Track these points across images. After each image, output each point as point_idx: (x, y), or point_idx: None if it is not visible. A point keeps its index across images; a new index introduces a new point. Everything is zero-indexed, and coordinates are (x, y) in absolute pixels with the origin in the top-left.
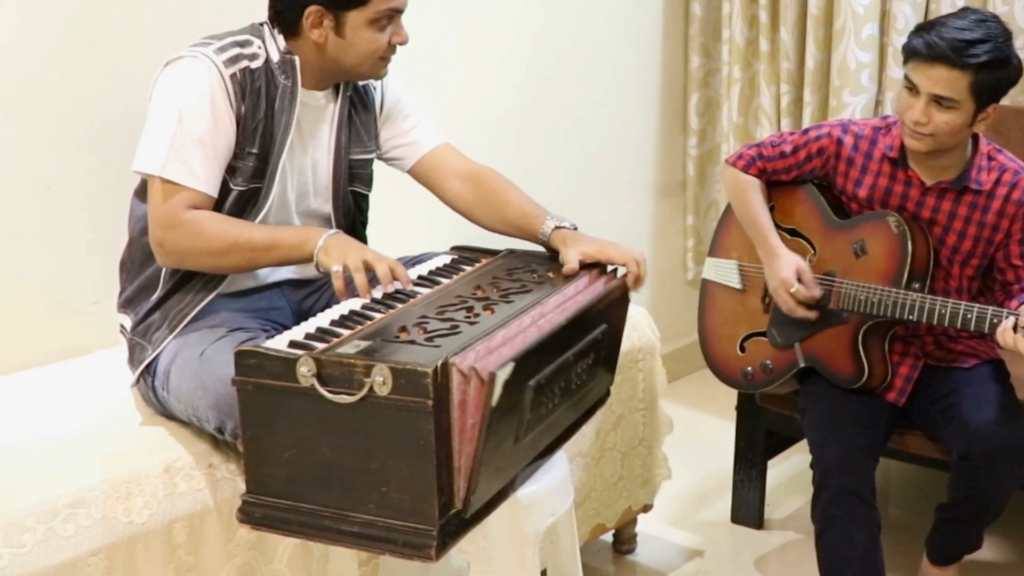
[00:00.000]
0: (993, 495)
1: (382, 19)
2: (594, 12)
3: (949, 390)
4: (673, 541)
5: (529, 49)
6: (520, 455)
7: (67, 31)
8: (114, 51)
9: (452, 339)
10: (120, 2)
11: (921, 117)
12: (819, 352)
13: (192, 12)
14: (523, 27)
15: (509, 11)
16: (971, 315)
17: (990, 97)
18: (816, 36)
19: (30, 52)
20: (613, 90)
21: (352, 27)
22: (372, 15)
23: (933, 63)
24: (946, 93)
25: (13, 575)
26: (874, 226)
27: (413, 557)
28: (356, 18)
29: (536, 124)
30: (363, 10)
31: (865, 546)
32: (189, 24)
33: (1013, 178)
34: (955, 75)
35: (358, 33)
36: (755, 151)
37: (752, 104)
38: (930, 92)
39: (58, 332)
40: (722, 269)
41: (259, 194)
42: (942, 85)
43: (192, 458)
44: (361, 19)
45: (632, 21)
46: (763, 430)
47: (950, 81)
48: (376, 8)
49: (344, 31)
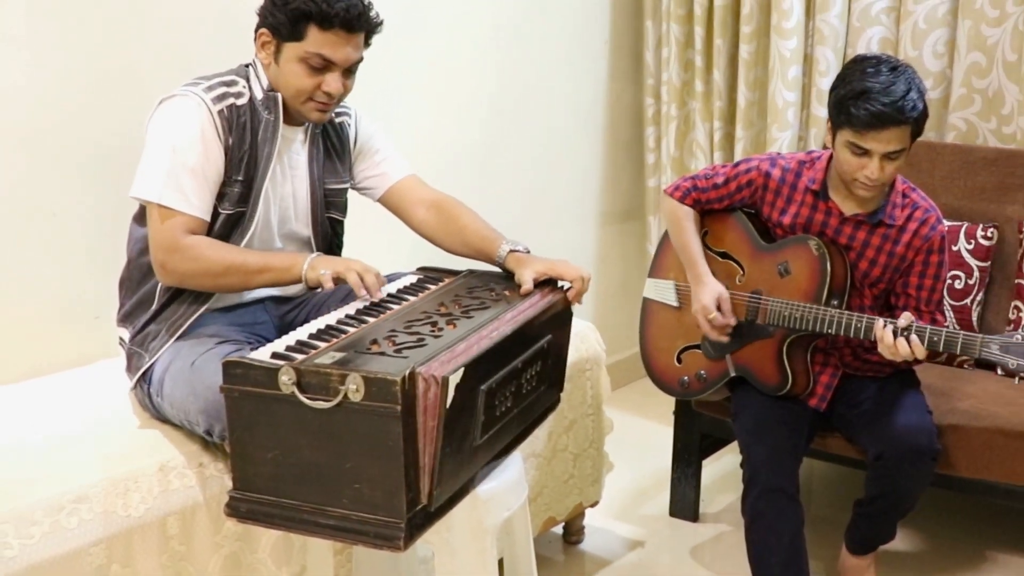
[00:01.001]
0: (906, 492)
1: (311, 60)
2: (548, 56)
3: (866, 397)
4: (617, 533)
5: (489, 89)
6: (479, 455)
7: (72, 74)
8: (113, 92)
9: (418, 351)
10: (119, 48)
11: (874, 174)
12: (748, 363)
13: (184, 57)
14: (484, 68)
15: (471, 54)
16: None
17: (916, 138)
18: (747, 78)
19: (40, 92)
20: (564, 127)
21: (286, 58)
22: (302, 53)
23: (885, 128)
24: (898, 147)
25: (23, 564)
26: (797, 249)
27: (383, 547)
28: (290, 51)
29: (495, 157)
30: (296, 46)
31: (790, 537)
32: (181, 68)
33: (923, 215)
34: (902, 131)
35: (289, 65)
36: (690, 183)
37: (687, 139)
38: (885, 151)
39: (62, 344)
40: (660, 288)
41: (244, 217)
42: (895, 142)
43: (184, 458)
44: (293, 53)
45: (581, 65)
46: (698, 433)
47: (900, 137)
48: (306, 48)
49: (280, 60)
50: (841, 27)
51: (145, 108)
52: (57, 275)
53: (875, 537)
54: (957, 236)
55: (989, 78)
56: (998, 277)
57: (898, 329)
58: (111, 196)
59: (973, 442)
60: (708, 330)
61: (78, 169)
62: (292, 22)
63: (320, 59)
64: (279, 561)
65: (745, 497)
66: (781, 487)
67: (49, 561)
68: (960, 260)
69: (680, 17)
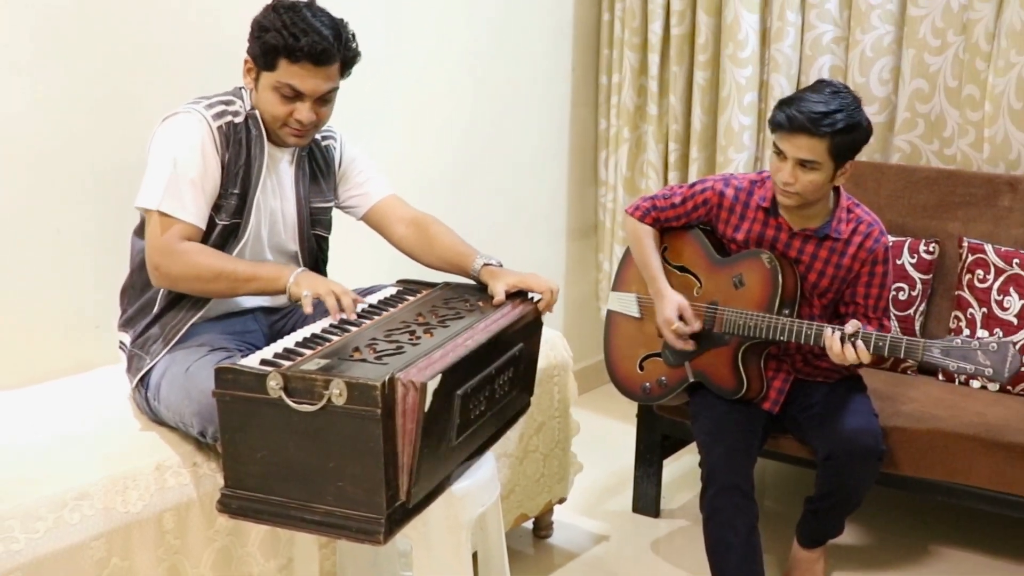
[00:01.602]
0: (853, 489)
1: (282, 90)
2: (517, 83)
3: (815, 401)
4: (583, 528)
5: (463, 114)
6: (454, 455)
7: (74, 100)
8: (112, 116)
9: (398, 358)
10: (118, 76)
11: (789, 178)
12: (705, 369)
13: (177, 83)
14: (458, 96)
15: (446, 82)
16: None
17: (846, 156)
18: (702, 103)
19: (44, 117)
20: (532, 149)
21: (262, 85)
22: (275, 83)
23: (796, 134)
24: (809, 157)
25: (28, 557)
26: (750, 262)
27: (364, 541)
28: (265, 79)
29: (469, 177)
30: (270, 75)
31: (745, 532)
32: (174, 93)
33: (867, 229)
34: (815, 142)
35: (264, 93)
36: (650, 203)
37: (639, 160)
38: (795, 157)
39: (65, 351)
40: (623, 301)
41: (239, 229)
42: (805, 151)
43: (179, 458)
44: (268, 82)
45: (547, 91)
46: (659, 434)
47: (811, 147)
48: (278, 78)
49: (259, 86)
50: (794, 56)
51: (142, 131)
52: (60, 287)
53: (824, 532)
54: (901, 251)
55: (931, 103)
56: (939, 289)
57: (845, 336)
58: (111, 214)
59: (916, 443)
60: (673, 340)
61: (80, 189)
62: (264, 53)
63: (290, 89)
64: (267, 554)
65: (703, 494)
66: (737, 485)
67: (53, 554)
68: (904, 273)
69: (635, 45)
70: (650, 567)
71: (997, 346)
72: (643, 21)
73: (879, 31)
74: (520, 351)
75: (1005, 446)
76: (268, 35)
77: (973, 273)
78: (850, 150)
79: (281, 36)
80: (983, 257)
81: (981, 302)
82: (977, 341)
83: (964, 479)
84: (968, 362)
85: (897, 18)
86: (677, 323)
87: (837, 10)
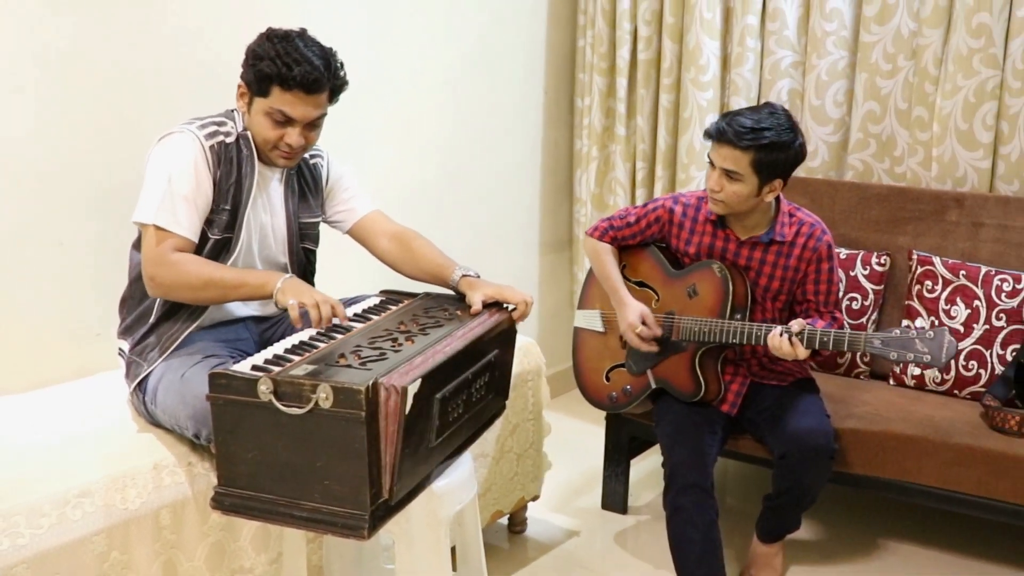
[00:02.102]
0: (807, 487)
1: (274, 115)
2: (494, 105)
3: (771, 402)
4: (555, 524)
5: (444, 134)
6: (434, 455)
7: (75, 122)
8: (111, 137)
9: (381, 363)
10: (116, 99)
11: (715, 186)
12: (666, 375)
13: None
14: (439, 117)
15: (428, 104)
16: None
17: (770, 173)
18: (667, 124)
19: (47, 138)
20: (508, 167)
21: (255, 110)
22: (267, 108)
23: (721, 144)
24: (732, 168)
25: (33, 551)
26: (702, 273)
27: (349, 536)
28: (258, 104)
29: (449, 193)
30: (263, 101)
31: (706, 528)
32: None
33: (809, 230)
34: (738, 154)
35: (257, 117)
36: (607, 223)
37: (607, 178)
38: (721, 166)
39: (68, 358)
40: (588, 318)
41: (231, 242)
42: (729, 162)
43: (175, 458)
44: (260, 107)
45: (523, 113)
46: (626, 436)
47: (735, 159)
48: (270, 104)
49: (251, 110)
50: (754, 79)
51: (139, 150)
52: (63, 297)
53: (782, 527)
54: (854, 263)
55: (883, 124)
56: (890, 298)
57: (791, 333)
58: (111, 228)
59: (867, 443)
60: (638, 343)
61: (82, 205)
62: (258, 80)
63: (282, 115)
64: (258, 548)
65: (666, 492)
66: (698, 483)
67: (56, 548)
68: (857, 284)
69: (603, 70)
70: (617, 560)
71: (934, 334)
72: (611, 47)
73: (834, 56)
74: (495, 357)
75: (952, 447)
76: (262, 64)
77: (922, 284)
78: (774, 167)
79: (275, 65)
80: (931, 269)
81: (930, 311)
82: (915, 330)
83: (913, 478)
84: (907, 350)
85: (851, 44)
86: (641, 327)
87: (795, 36)
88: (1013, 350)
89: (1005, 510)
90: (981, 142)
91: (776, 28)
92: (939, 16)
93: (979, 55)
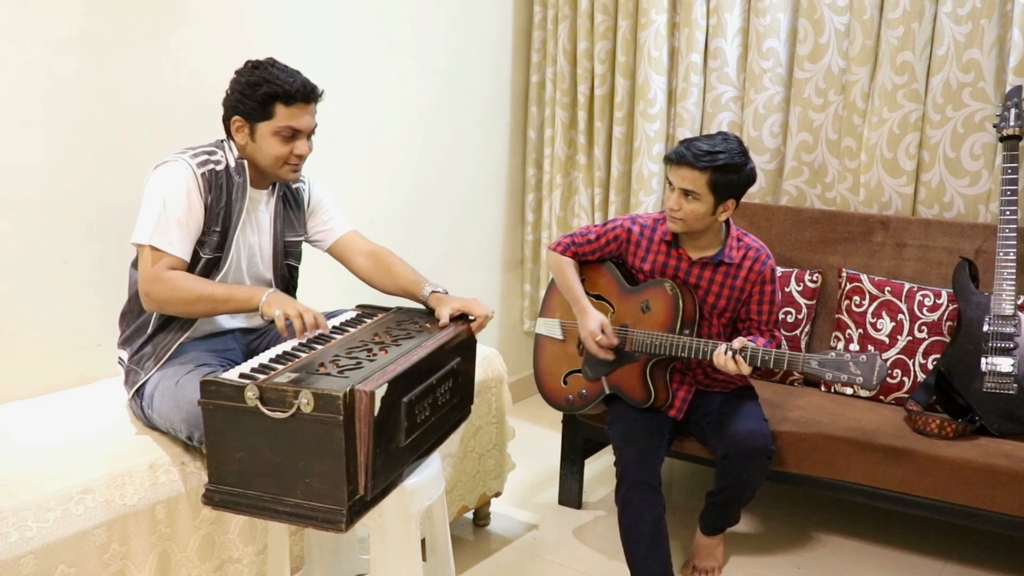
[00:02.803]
0: (746, 484)
1: (283, 132)
2: (460, 136)
3: (714, 408)
4: (516, 518)
5: (414, 162)
6: (405, 455)
7: (78, 150)
8: (113, 164)
9: (357, 371)
10: (116, 129)
11: (675, 205)
12: (619, 382)
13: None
14: (409, 147)
15: (400, 135)
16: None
17: (725, 193)
18: (619, 153)
19: (53, 165)
20: (472, 193)
21: (261, 135)
22: (275, 128)
23: (681, 165)
24: (690, 187)
25: (39, 543)
26: (655, 290)
27: (328, 529)
28: (264, 128)
29: (419, 216)
30: (268, 123)
31: (653, 521)
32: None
33: (755, 254)
34: (696, 174)
35: (265, 140)
36: (569, 240)
37: (571, 202)
38: (680, 187)
39: (71, 366)
40: (548, 326)
41: (220, 261)
42: (688, 182)
43: (170, 458)
44: (267, 130)
45: (486, 143)
46: (581, 437)
47: (693, 179)
48: (277, 123)
49: (256, 137)
50: (697, 112)
51: (137, 177)
52: (67, 311)
53: (723, 521)
54: (789, 280)
55: (815, 153)
56: (822, 312)
57: (734, 351)
58: (111, 248)
59: (801, 445)
60: (596, 350)
61: (85, 226)
62: (262, 104)
63: (290, 129)
64: (246, 540)
65: (618, 489)
66: (646, 481)
67: (61, 540)
68: (792, 299)
69: (565, 104)
70: (573, 551)
71: (866, 358)
72: (572, 83)
73: (770, 91)
74: (457, 365)
75: (878, 448)
76: (262, 89)
77: (851, 299)
78: (728, 188)
79: (274, 86)
80: (859, 285)
81: (858, 324)
82: (849, 354)
83: (843, 476)
84: (842, 372)
85: (785, 80)
86: (600, 335)
87: (734, 73)
88: (934, 359)
89: (926, 506)
90: (904, 170)
91: (717, 66)
92: (866, 55)
93: (903, 90)
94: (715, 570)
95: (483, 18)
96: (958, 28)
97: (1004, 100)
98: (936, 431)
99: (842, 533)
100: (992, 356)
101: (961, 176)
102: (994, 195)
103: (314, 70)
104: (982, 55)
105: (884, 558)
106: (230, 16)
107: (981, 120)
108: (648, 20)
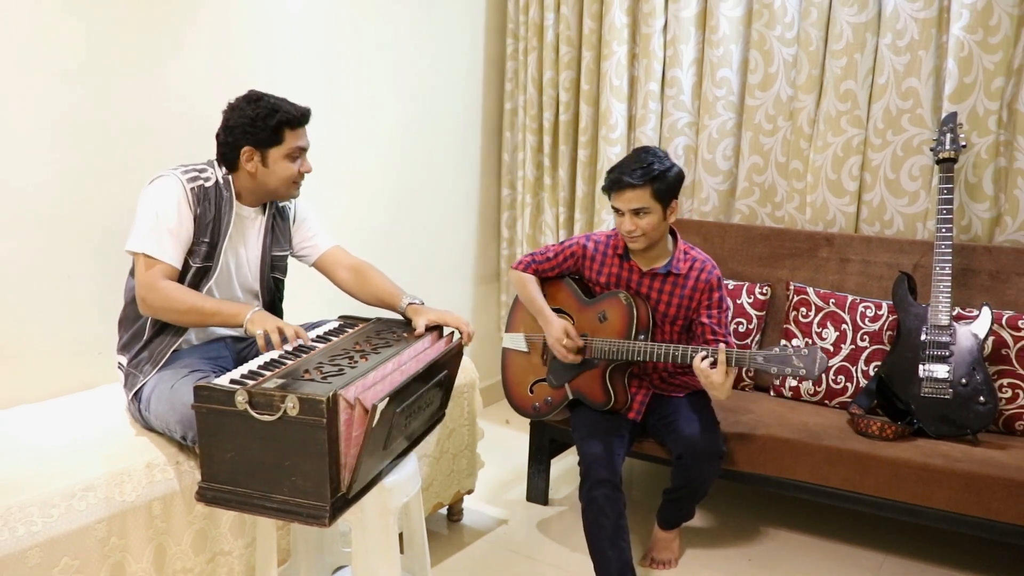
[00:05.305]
0: (700, 483)
1: (293, 153)
2: (436, 158)
3: (670, 411)
4: (487, 513)
5: (392, 182)
6: (386, 456)
7: (84, 170)
8: (114, 184)
9: (339, 378)
10: (118, 151)
11: (631, 227)
12: (581, 388)
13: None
14: (388, 167)
15: (378, 157)
16: (679, 353)
17: (668, 196)
18: (583, 175)
19: (60, 184)
20: (448, 210)
21: (273, 160)
22: (287, 151)
23: (623, 190)
24: (638, 205)
25: (45, 536)
26: (611, 301)
27: (313, 524)
28: (275, 153)
29: (397, 232)
30: (280, 148)
31: (615, 517)
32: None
33: (701, 265)
34: (639, 192)
35: (278, 164)
36: (530, 258)
37: (538, 220)
38: (629, 208)
39: (73, 372)
40: (514, 340)
41: (209, 271)
42: (635, 201)
43: (165, 457)
44: (279, 154)
45: (460, 164)
46: (548, 438)
47: (639, 196)
48: (289, 146)
49: (268, 163)
50: (655, 136)
51: (135, 196)
52: (71, 322)
53: (679, 517)
54: (741, 292)
55: (765, 175)
56: (771, 323)
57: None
58: (111, 262)
59: (752, 446)
60: (564, 354)
61: (87, 241)
62: (274, 131)
63: (299, 150)
64: (236, 534)
65: (582, 487)
66: (608, 479)
67: (65, 534)
68: (743, 310)
69: (533, 129)
70: (540, 544)
71: (808, 351)
72: (539, 110)
73: (723, 117)
74: (445, 376)
75: (823, 448)
76: (273, 118)
77: (798, 311)
78: (669, 191)
79: (284, 113)
80: (806, 298)
81: (804, 333)
82: (792, 348)
83: (790, 474)
84: (786, 365)
85: (737, 107)
86: (566, 340)
87: (690, 101)
88: (875, 366)
89: (868, 502)
90: (848, 190)
91: (674, 93)
92: (812, 83)
93: (846, 116)
94: (671, 562)
95: (457, 50)
96: (897, 59)
97: (940, 125)
98: (877, 433)
99: (789, 528)
100: (929, 363)
101: (900, 196)
102: (931, 214)
103: (300, 97)
104: (920, 84)
105: (828, 551)
106: (221, 49)
107: (919, 144)
108: (610, 51)
